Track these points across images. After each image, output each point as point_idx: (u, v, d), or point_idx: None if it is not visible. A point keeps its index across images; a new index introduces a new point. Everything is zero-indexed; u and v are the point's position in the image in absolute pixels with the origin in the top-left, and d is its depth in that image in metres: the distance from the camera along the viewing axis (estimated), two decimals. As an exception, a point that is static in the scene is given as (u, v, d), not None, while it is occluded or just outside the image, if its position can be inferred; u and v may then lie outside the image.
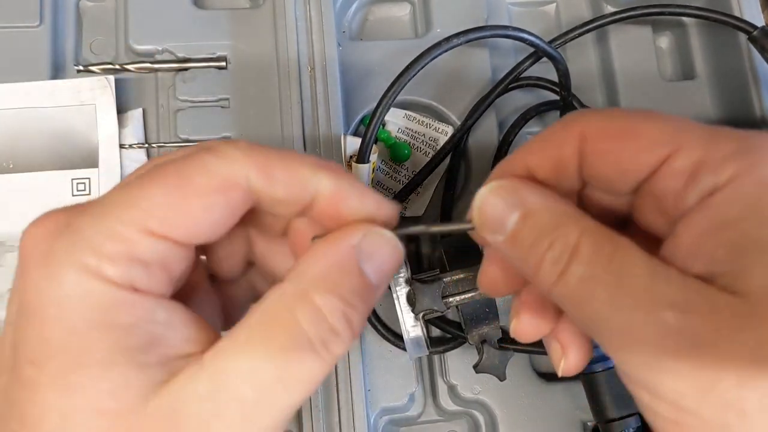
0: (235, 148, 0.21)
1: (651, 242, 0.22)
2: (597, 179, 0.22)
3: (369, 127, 0.39)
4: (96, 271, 0.19)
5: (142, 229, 0.20)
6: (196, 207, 0.20)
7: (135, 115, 0.42)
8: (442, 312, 0.33)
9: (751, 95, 0.44)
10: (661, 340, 0.18)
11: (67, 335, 0.19)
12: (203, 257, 0.26)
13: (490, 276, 0.25)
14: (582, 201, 0.24)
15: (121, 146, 0.40)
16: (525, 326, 0.25)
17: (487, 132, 0.44)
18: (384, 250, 0.22)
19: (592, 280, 0.20)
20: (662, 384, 0.19)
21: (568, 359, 0.25)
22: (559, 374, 0.25)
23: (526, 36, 0.41)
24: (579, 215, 0.21)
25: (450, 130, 0.44)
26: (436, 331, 0.41)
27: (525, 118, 0.44)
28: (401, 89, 0.39)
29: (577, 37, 0.45)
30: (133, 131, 0.41)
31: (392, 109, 0.44)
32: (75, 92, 0.40)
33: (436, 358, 0.41)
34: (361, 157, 0.40)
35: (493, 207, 0.22)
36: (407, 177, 0.44)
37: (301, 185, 0.22)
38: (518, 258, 0.22)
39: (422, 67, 0.39)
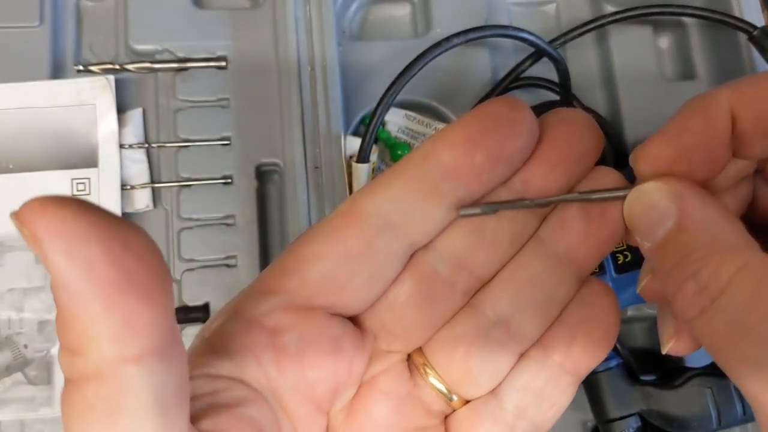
0: None
1: None
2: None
3: (369, 127, 0.39)
4: None
5: None
6: None
7: (135, 115, 0.42)
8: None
9: (751, 95, 0.44)
10: None
11: None
12: None
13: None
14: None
15: (121, 146, 0.40)
16: (654, 288, 0.21)
17: (487, 132, 0.44)
18: None
19: (742, 329, 0.16)
20: None
21: (681, 341, 0.21)
22: (664, 352, 0.22)
23: (526, 36, 0.41)
24: (743, 244, 0.17)
25: (450, 130, 0.44)
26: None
27: (525, 118, 0.44)
28: (401, 89, 0.39)
29: (577, 37, 0.44)
30: (133, 131, 0.41)
31: (392, 109, 0.44)
32: (75, 92, 0.40)
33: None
34: (361, 157, 0.40)
35: (647, 210, 0.19)
36: (407, 177, 0.44)
37: None
38: (661, 271, 0.19)
39: (422, 67, 0.39)
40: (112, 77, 0.41)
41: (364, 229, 0.19)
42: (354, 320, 0.20)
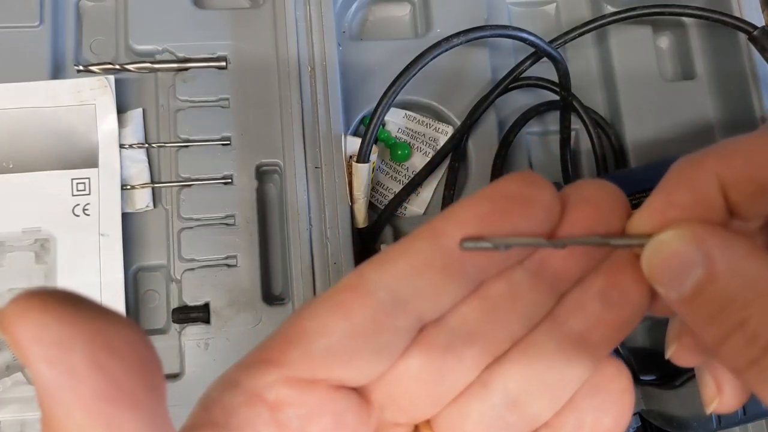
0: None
1: None
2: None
3: (369, 127, 0.39)
4: None
5: None
6: None
7: (135, 115, 0.42)
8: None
9: (751, 95, 0.44)
10: None
11: None
12: None
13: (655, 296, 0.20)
14: None
15: (121, 146, 0.41)
16: (688, 353, 0.21)
17: (487, 132, 0.44)
18: None
19: None
20: None
21: (725, 399, 0.21)
22: (709, 411, 0.21)
23: (526, 36, 0.41)
24: None
25: (450, 130, 0.44)
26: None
27: (525, 118, 0.44)
28: (401, 89, 0.39)
29: (577, 37, 0.45)
30: (133, 131, 0.41)
31: (392, 109, 0.44)
32: (75, 92, 0.40)
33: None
34: (361, 157, 0.40)
35: (669, 262, 0.17)
36: (407, 177, 0.44)
37: None
38: (694, 323, 0.18)
39: (422, 67, 0.39)
40: (112, 77, 0.41)
41: (371, 304, 0.18)
42: (360, 390, 0.20)
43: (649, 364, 0.41)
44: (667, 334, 0.21)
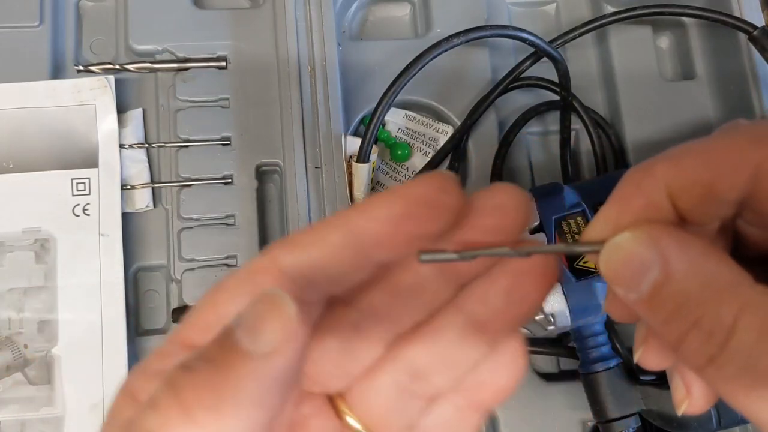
0: None
1: None
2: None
3: (369, 127, 0.39)
4: None
5: None
6: None
7: (135, 115, 0.42)
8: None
9: (751, 95, 0.44)
10: None
11: None
12: None
13: (616, 303, 0.21)
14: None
15: (121, 146, 0.41)
16: (654, 356, 0.21)
17: (487, 132, 0.44)
18: None
19: (756, 372, 0.16)
20: None
21: (694, 400, 0.21)
22: (679, 413, 0.22)
23: (526, 36, 0.41)
24: (737, 281, 0.17)
25: (450, 130, 0.44)
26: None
27: (525, 118, 0.44)
28: (401, 89, 0.39)
29: (577, 37, 0.45)
30: (133, 131, 0.41)
31: (392, 109, 0.44)
32: (75, 92, 0.40)
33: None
34: (361, 157, 0.40)
35: (626, 263, 0.18)
36: (407, 177, 0.44)
37: None
38: (654, 323, 0.18)
39: (422, 67, 0.39)
40: (112, 77, 0.41)
41: (281, 282, 0.19)
42: None
43: (649, 364, 0.41)
44: (634, 339, 0.22)
